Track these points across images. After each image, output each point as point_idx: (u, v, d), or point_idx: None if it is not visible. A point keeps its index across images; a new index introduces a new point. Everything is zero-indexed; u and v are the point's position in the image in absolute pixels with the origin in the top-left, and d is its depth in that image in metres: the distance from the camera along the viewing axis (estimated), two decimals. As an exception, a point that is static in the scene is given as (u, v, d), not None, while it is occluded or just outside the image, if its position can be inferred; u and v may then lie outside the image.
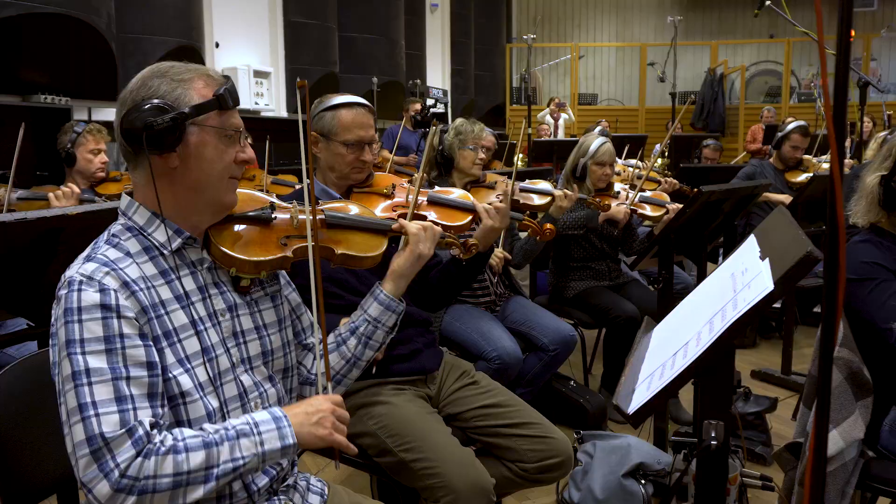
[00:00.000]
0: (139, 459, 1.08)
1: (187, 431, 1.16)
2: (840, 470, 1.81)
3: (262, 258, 1.36)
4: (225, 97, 1.25)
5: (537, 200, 3.03)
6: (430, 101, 7.70)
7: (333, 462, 1.33)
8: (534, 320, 2.99)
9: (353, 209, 1.66)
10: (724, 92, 11.51)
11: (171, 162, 1.23)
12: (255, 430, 1.18)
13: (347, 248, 1.53)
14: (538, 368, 2.99)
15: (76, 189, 2.88)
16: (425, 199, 2.19)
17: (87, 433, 1.07)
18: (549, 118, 9.25)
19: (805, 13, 13.81)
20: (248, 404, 1.31)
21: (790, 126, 4.31)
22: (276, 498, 1.33)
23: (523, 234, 3.25)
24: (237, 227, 1.38)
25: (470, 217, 2.20)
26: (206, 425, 1.19)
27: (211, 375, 1.25)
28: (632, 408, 1.23)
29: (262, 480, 1.29)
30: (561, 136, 9.42)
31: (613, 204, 3.48)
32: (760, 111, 10.08)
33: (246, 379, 1.32)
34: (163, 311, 1.21)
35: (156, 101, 1.21)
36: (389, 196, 2.15)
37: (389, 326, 1.58)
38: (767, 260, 1.29)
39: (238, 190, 1.43)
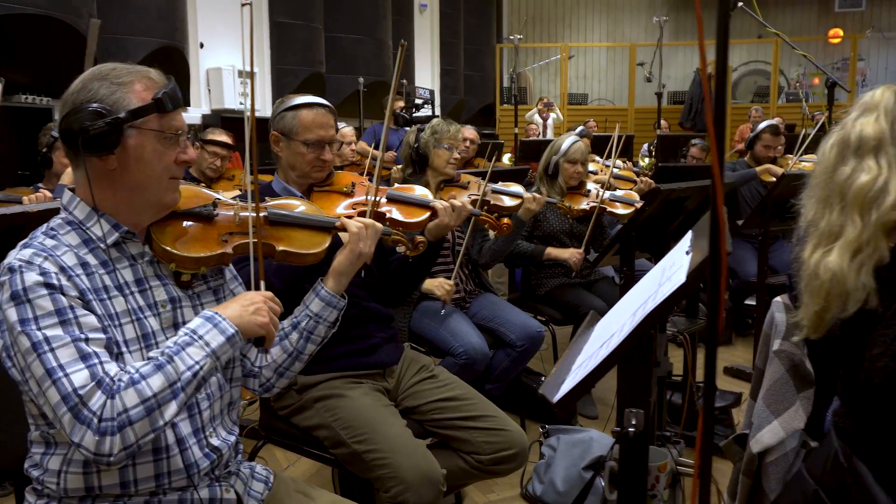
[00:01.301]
0: (109, 401, 1.14)
1: (138, 363, 1.21)
2: (781, 460, 1.85)
3: (201, 255, 1.39)
4: (164, 101, 1.28)
5: (508, 202, 3.07)
6: (419, 102, 7.74)
7: (301, 458, 1.38)
8: (502, 317, 3.03)
9: (298, 206, 1.70)
10: (710, 92, 11.53)
11: (110, 164, 1.26)
12: (195, 336, 1.25)
13: (289, 245, 1.56)
14: (507, 364, 3.03)
15: (48, 195, 2.92)
16: (384, 196, 2.23)
17: (61, 393, 1.13)
18: (537, 118, 9.30)
19: (792, 14, 13.91)
20: None
21: (761, 126, 4.37)
22: (217, 484, 1.37)
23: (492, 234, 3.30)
24: (179, 224, 1.42)
25: (428, 213, 2.24)
26: (151, 352, 1.25)
27: None
28: (556, 397, 1.28)
29: (204, 463, 1.34)
30: (550, 135, 9.47)
31: (584, 204, 3.53)
32: (748, 111, 10.13)
33: None
34: (105, 296, 1.26)
35: (94, 105, 1.24)
36: (349, 194, 2.19)
37: (331, 321, 1.63)
38: (690, 255, 1.34)
39: (182, 186, 1.48)
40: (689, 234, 1.63)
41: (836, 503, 0.94)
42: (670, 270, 1.39)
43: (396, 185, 2.46)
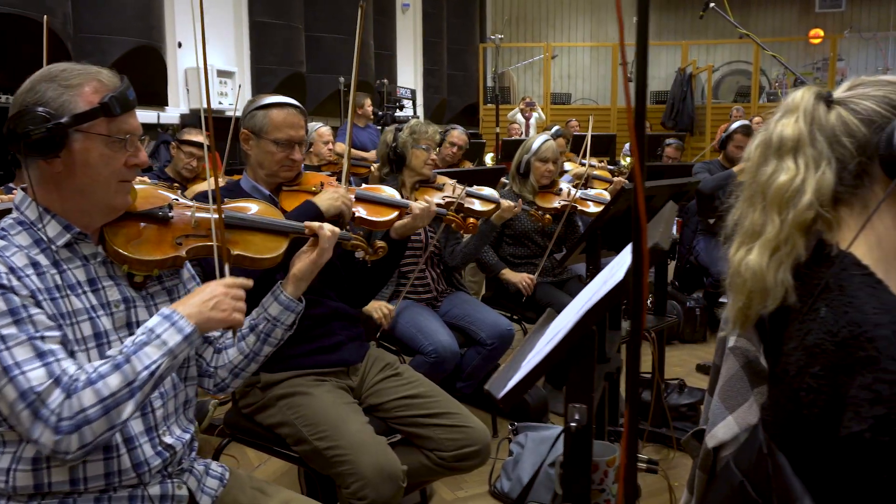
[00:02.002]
0: (66, 400, 1.15)
1: (97, 362, 1.23)
2: (735, 454, 1.89)
3: (153, 258, 1.40)
4: (111, 105, 1.27)
5: (481, 207, 3.09)
6: (406, 103, 7.76)
7: (269, 458, 1.39)
8: (472, 315, 3.06)
9: (254, 209, 1.71)
10: (693, 91, 11.64)
11: (56, 167, 1.26)
12: (153, 335, 1.26)
13: (244, 249, 1.57)
14: (477, 362, 3.06)
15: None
16: (353, 196, 2.25)
17: (19, 390, 1.14)
18: (519, 117, 9.34)
19: (773, 15, 14.01)
20: None
21: (733, 126, 4.42)
22: (169, 481, 1.38)
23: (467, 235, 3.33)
24: (133, 225, 1.42)
25: (396, 213, 2.27)
26: (110, 350, 1.26)
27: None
28: (501, 393, 1.30)
29: (156, 461, 1.35)
30: (532, 135, 9.51)
31: (555, 202, 3.57)
32: (730, 111, 10.21)
33: None
34: (57, 295, 1.26)
35: (39, 108, 1.23)
36: (318, 193, 2.21)
37: (288, 325, 1.64)
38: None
39: (140, 186, 1.48)
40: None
41: (760, 494, 0.97)
42: (618, 268, 1.42)
43: (364, 185, 2.49)
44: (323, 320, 2.10)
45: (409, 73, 10.39)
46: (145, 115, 5.43)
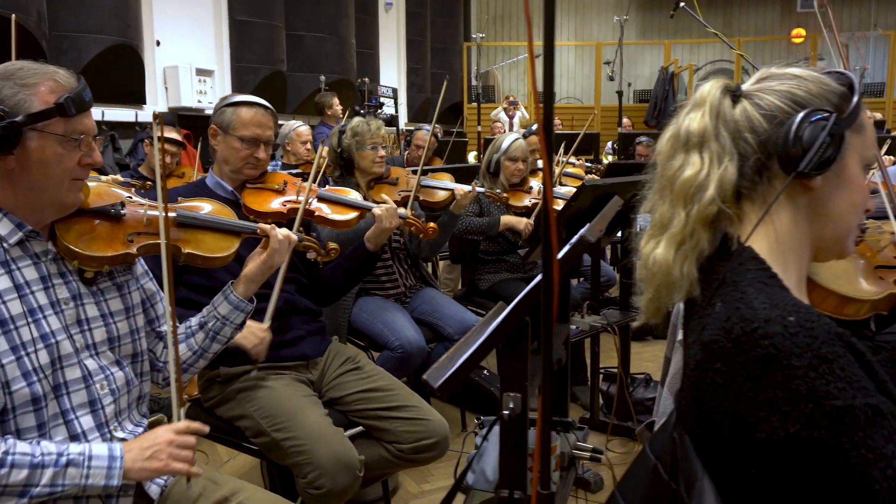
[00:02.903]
0: None
1: (21, 446, 1.24)
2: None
3: (104, 254, 1.42)
4: (66, 105, 1.29)
5: (439, 196, 3.13)
6: (387, 101, 7.78)
7: (238, 454, 1.40)
8: (440, 311, 3.09)
9: (207, 209, 1.74)
10: (675, 90, 11.72)
11: (8, 164, 1.28)
12: (85, 464, 1.27)
13: (195, 247, 1.60)
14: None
15: None
16: (316, 196, 2.29)
17: None
18: (503, 116, 9.39)
19: (756, 15, 14.12)
20: (94, 386, 1.39)
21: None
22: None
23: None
24: (85, 222, 1.44)
25: (357, 214, 2.31)
26: (45, 443, 1.27)
27: (51, 359, 1.33)
28: (439, 382, 1.34)
29: None
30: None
31: (526, 200, 3.61)
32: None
33: (91, 363, 1.40)
34: (5, 298, 1.29)
35: None
36: (281, 192, 2.25)
37: (238, 324, 1.67)
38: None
39: (94, 184, 1.51)
40: (588, 226, 1.71)
41: (671, 475, 1.01)
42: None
43: (329, 186, 2.53)
44: (282, 315, 2.14)
45: (392, 72, 10.41)
46: (122, 114, 5.44)
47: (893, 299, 1.09)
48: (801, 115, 0.94)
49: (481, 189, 3.27)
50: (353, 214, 2.29)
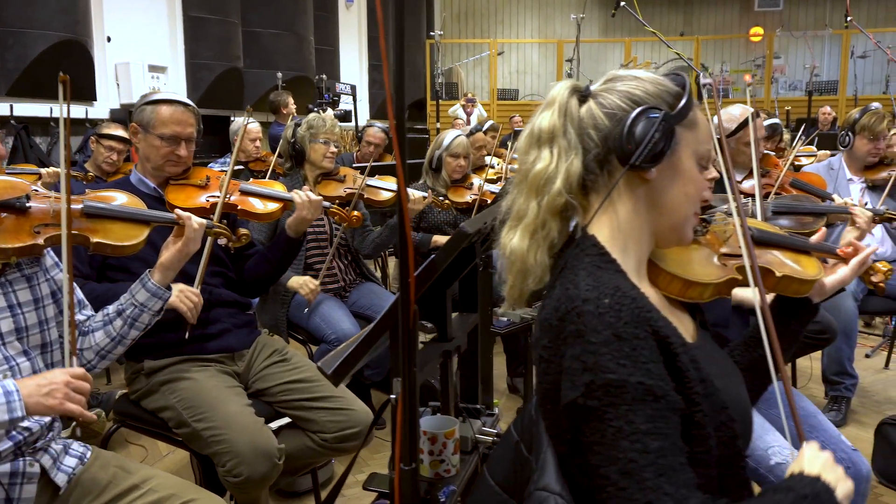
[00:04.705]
0: None
1: None
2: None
3: (10, 246, 1.46)
4: None
5: (383, 196, 3.18)
6: (344, 99, 7.78)
7: (177, 449, 1.43)
8: (379, 304, 3.15)
9: (120, 199, 1.78)
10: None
11: None
12: None
13: (104, 237, 1.64)
14: (384, 351, 3.15)
15: None
16: (238, 190, 2.33)
17: None
18: (461, 112, 9.46)
19: (716, 13, 14.34)
20: None
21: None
22: (21, 459, 1.45)
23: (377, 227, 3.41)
24: None
25: (280, 206, 2.35)
26: None
27: None
28: (331, 369, 1.40)
29: (5, 444, 1.42)
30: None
31: (467, 196, 3.68)
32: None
33: None
34: None
35: None
36: (204, 187, 2.28)
37: (155, 311, 1.71)
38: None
39: (0, 177, 1.55)
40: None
41: (529, 450, 1.08)
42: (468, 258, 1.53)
43: (253, 180, 2.57)
44: (207, 307, 2.17)
45: (353, 69, 10.42)
46: (72, 110, 5.39)
47: (734, 283, 1.17)
48: (635, 111, 1.01)
49: (424, 193, 3.33)
50: (275, 206, 2.34)
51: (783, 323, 1.25)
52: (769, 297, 1.28)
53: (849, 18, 4.60)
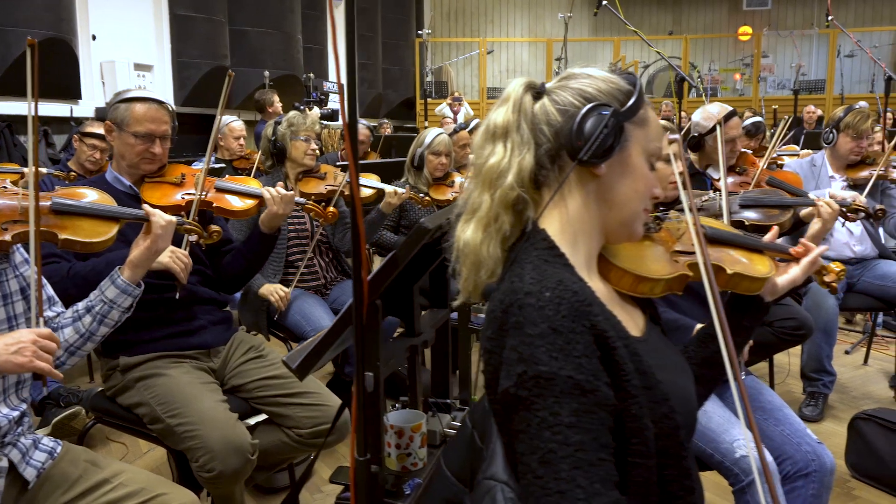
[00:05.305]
0: None
1: None
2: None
3: None
4: None
5: (365, 192, 3.20)
6: (332, 98, 7.77)
7: (154, 447, 1.44)
8: (359, 302, 3.16)
9: (91, 196, 1.79)
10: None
11: None
12: None
13: (73, 233, 1.65)
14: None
15: None
16: (213, 187, 2.34)
17: None
18: (447, 111, 9.47)
19: (705, 13, 14.40)
20: None
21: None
22: (-11, 452, 1.46)
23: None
24: None
25: (255, 202, 2.36)
26: None
27: None
28: (296, 363, 1.42)
29: None
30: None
31: (448, 194, 3.69)
32: (660, 105, 10.50)
33: None
34: None
35: None
36: (179, 185, 2.29)
37: (125, 307, 1.73)
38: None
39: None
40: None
41: (482, 440, 1.10)
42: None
43: (228, 176, 2.58)
44: (184, 304, 2.19)
45: (341, 68, 10.40)
46: (57, 109, 5.40)
47: (685, 280, 1.19)
48: (586, 108, 1.03)
49: (402, 190, 3.35)
50: (251, 202, 2.35)
51: (736, 319, 1.27)
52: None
53: (830, 18, 4.64)
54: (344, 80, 0.99)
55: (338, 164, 4.29)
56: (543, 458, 0.88)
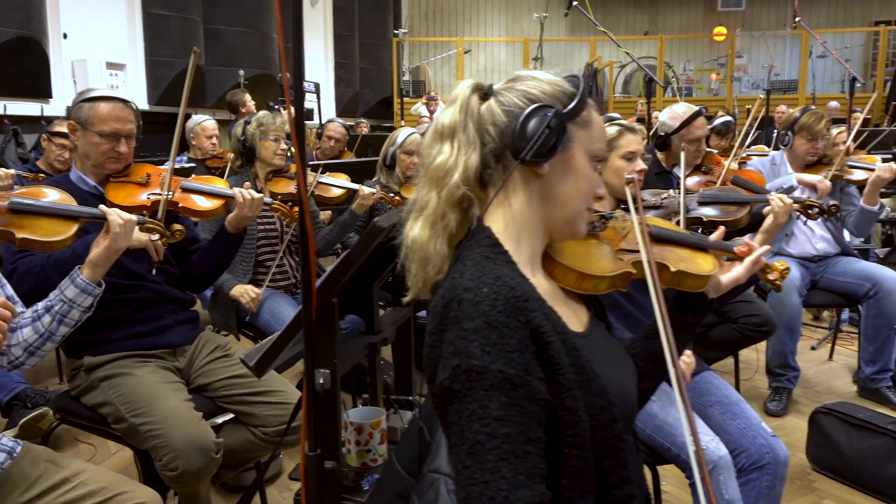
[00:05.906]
0: None
1: None
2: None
3: None
4: None
5: (333, 192, 3.21)
6: (308, 97, 7.75)
7: (122, 448, 1.44)
8: (329, 301, 3.17)
9: (51, 196, 1.79)
10: (599, 86, 12.00)
11: None
12: None
13: (31, 232, 1.66)
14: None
15: None
16: (179, 186, 2.34)
17: None
18: (423, 110, 9.49)
19: (680, 13, 14.53)
20: None
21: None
22: (-54, 454, 1.46)
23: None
24: None
25: (222, 202, 2.37)
26: None
27: None
28: (253, 361, 1.43)
29: None
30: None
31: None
32: (635, 104, 10.59)
33: None
34: None
35: None
36: (145, 185, 2.29)
37: (85, 307, 1.73)
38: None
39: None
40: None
41: (430, 434, 1.12)
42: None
43: (195, 176, 2.58)
44: (149, 304, 2.19)
45: (318, 67, 10.40)
46: (27, 108, 5.35)
47: (629, 277, 1.22)
48: (529, 108, 1.06)
49: (373, 190, 3.36)
50: (217, 203, 2.35)
51: (681, 315, 1.30)
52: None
53: (797, 19, 4.72)
54: (290, 77, 1.01)
55: (309, 163, 4.29)
56: (471, 450, 0.90)
